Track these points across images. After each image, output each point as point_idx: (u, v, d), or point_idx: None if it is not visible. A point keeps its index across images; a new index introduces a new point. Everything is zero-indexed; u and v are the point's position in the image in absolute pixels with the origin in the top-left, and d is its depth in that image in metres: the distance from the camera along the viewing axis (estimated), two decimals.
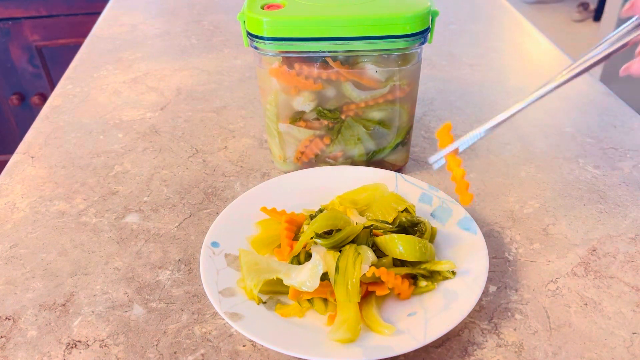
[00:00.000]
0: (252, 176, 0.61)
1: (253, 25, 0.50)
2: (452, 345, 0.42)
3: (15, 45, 1.40)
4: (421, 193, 0.53)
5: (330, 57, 0.51)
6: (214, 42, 0.94)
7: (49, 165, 0.63)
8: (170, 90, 0.79)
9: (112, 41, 0.95)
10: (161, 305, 0.45)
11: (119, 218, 0.55)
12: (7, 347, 0.42)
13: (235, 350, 0.42)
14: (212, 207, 0.56)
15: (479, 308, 0.44)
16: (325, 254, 0.44)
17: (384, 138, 0.57)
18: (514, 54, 0.89)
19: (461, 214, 0.50)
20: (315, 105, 0.54)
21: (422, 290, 0.44)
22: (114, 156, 0.64)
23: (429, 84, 0.79)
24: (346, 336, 0.39)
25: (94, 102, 0.76)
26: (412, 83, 0.54)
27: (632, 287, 0.46)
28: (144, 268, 0.49)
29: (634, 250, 0.50)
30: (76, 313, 0.45)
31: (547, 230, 0.52)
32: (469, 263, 0.45)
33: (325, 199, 0.53)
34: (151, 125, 0.70)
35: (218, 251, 0.47)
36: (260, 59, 0.53)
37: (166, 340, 0.42)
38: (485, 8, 1.08)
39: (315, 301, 0.43)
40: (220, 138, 0.67)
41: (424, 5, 0.49)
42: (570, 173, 0.60)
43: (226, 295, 0.43)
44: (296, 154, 0.58)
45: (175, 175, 0.61)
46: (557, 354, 0.41)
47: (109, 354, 0.41)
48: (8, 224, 0.54)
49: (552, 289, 0.46)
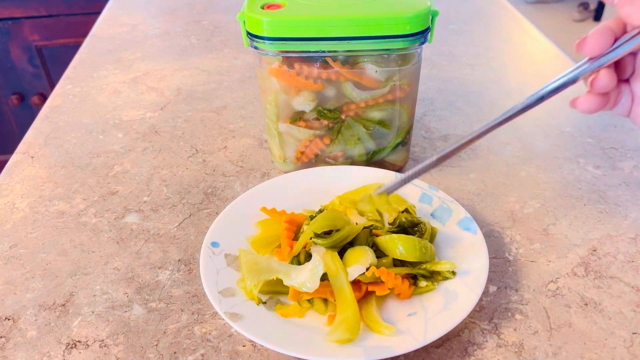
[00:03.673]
0: (252, 176, 0.61)
1: (253, 25, 0.50)
2: (452, 345, 0.42)
3: (15, 45, 1.40)
4: (421, 193, 0.53)
5: (330, 57, 0.51)
6: (214, 42, 0.94)
7: (49, 165, 0.63)
8: (170, 90, 0.79)
9: (112, 41, 0.95)
10: (161, 306, 0.45)
11: (119, 218, 0.55)
12: (6, 347, 0.42)
13: (235, 350, 0.41)
14: (212, 207, 0.56)
15: (479, 308, 0.44)
16: (324, 254, 0.44)
17: (384, 138, 0.57)
18: (514, 54, 0.89)
19: (461, 214, 0.50)
20: (315, 105, 0.54)
21: (422, 290, 0.44)
22: (114, 156, 0.64)
23: (429, 84, 0.79)
24: (345, 336, 0.39)
25: (93, 102, 0.76)
26: (412, 83, 0.54)
27: (632, 287, 0.46)
28: (143, 268, 0.49)
29: (634, 250, 0.50)
30: (76, 313, 0.45)
31: (548, 230, 0.52)
32: (469, 263, 0.45)
33: (325, 199, 0.53)
34: (151, 125, 0.70)
35: (218, 251, 0.47)
36: (260, 59, 0.53)
37: (166, 341, 0.42)
38: (485, 8, 1.08)
39: (315, 301, 0.43)
40: (220, 138, 0.67)
41: (424, 5, 0.49)
42: (571, 173, 0.60)
43: (226, 295, 0.43)
44: (296, 154, 0.58)
45: (175, 175, 0.61)
46: (557, 354, 0.41)
47: (108, 354, 0.41)
48: (8, 224, 0.54)
49: (553, 289, 0.46)
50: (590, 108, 0.39)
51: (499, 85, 0.79)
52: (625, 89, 0.40)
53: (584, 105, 0.39)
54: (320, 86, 0.53)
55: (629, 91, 0.40)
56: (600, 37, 0.36)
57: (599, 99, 0.39)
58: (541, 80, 0.39)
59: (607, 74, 0.37)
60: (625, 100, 0.40)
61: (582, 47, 0.37)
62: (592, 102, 0.39)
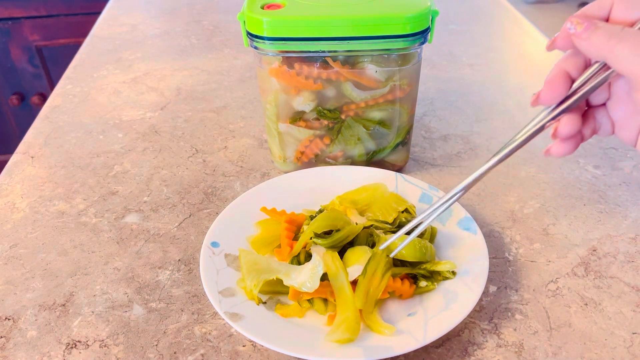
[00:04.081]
0: (252, 176, 0.61)
1: (253, 25, 0.50)
2: (452, 345, 0.42)
3: (15, 45, 1.40)
4: (421, 193, 0.53)
5: (330, 57, 0.51)
6: (214, 42, 0.94)
7: (49, 165, 0.63)
8: (170, 90, 0.79)
9: (112, 41, 0.95)
10: (161, 306, 0.45)
11: (119, 218, 0.55)
12: (7, 347, 0.42)
13: (235, 350, 0.41)
14: (212, 207, 0.56)
15: (479, 308, 0.44)
16: (324, 254, 0.44)
17: (384, 138, 0.57)
18: (514, 54, 0.89)
19: (461, 214, 0.50)
20: (315, 105, 0.54)
21: (422, 290, 0.44)
22: (114, 156, 0.64)
23: (429, 84, 0.79)
24: (345, 336, 0.39)
25: (93, 102, 0.76)
26: (412, 83, 0.54)
27: (632, 287, 0.46)
28: (143, 268, 0.49)
29: (634, 250, 0.50)
30: (76, 313, 0.45)
31: (547, 230, 0.52)
32: (469, 263, 0.45)
33: (325, 199, 0.53)
34: (151, 125, 0.70)
35: (218, 251, 0.47)
36: (260, 59, 0.53)
37: (166, 341, 0.42)
38: (485, 8, 1.07)
39: (315, 301, 0.43)
40: (220, 138, 0.67)
41: (424, 5, 0.49)
42: (571, 173, 0.60)
43: (226, 295, 0.43)
44: (296, 154, 0.58)
45: (175, 175, 0.61)
46: (557, 354, 0.41)
47: (108, 354, 0.41)
48: (8, 224, 0.54)
49: (552, 289, 0.46)
50: (566, 152, 0.37)
51: (499, 85, 0.79)
52: (602, 115, 0.38)
53: (558, 152, 0.38)
54: (320, 86, 0.53)
55: (607, 117, 0.37)
56: (555, 88, 0.35)
57: (572, 141, 0.37)
58: (541, 80, 0.39)
59: (568, 121, 0.36)
60: (605, 126, 0.38)
61: (537, 102, 0.36)
62: (565, 147, 0.37)
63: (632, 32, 0.31)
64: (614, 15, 0.34)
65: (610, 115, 0.37)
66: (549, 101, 0.36)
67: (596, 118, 0.38)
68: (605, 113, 0.38)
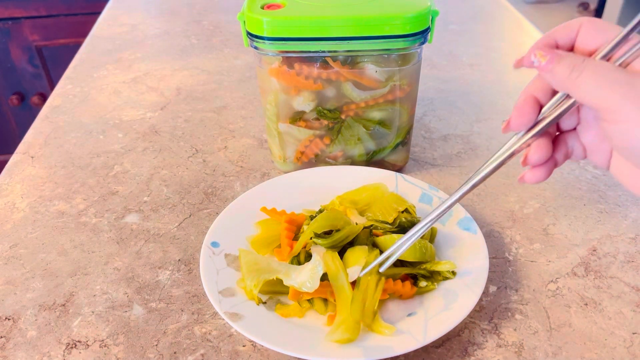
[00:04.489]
0: (252, 176, 0.61)
1: (253, 25, 0.50)
2: (452, 345, 0.42)
3: (15, 45, 1.40)
4: (421, 193, 0.53)
5: (330, 57, 0.51)
6: (214, 42, 0.94)
7: (49, 165, 0.63)
8: (170, 90, 0.79)
9: (112, 41, 0.95)
10: (161, 306, 0.45)
11: (119, 218, 0.55)
12: (7, 347, 0.42)
13: (235, 350, 0.41)
14: (212, 207, 0.56)
15: (479, 308, 0.44)
16: (324, 254, 0.44)
17: (384, 138, 0.57)
18: (514, 54, 0.89)
19: (461, 214, 0.50)
20: (315, 105, 0.54)
21: (422, 290, 0.44)
22: (114, 156, 0.64)
23: (429, 84, 0.79)
24: (345, 336, 0.39)
25: (93, 102, 0.76)
26: (412, 83, 0.54)
27: (632, 287, 0.46)
28: (143, 268, 0.49)
29: (634, 250, 0.50)
30: (76, 313, 0.45)
31: (547, 230, 0.52)
32: (469, 263, 0.45)
33: (325, 199, 0.53)
34: (151, 125, 0.70)
35: (218, 251, 0.47)
36: (260, 59, 0.53)
37: (166, 341, 0.42)
38: (485, 8, 1.08)
39: (315, 301, 0.43)
40: (220, 138, 0.67)
41: (424, 5, 0.49)
42: (571, 173, 0.60)
43: (226, 295, 0.43)
44: (296, 154, 0.58)
45: (175, 175, 0.61)
46: (557, 354, 0.41)
47: (108, 354, 0.41)
48: (8, 224, 0.54)
49: (552, 289, 0.46)
50: (539, 178, 0.37)
51: (499, 85, 0.79)
52: (573, 140, 0.37)
53: (532, 179, 0.37)
54: (320, 86, 0.53)
55: (578, 142, 0.37)
56: (524, 114, 0.35)
57: (545, 167, 0.37)
58: None
59: (537, 148, 0.35)
60: (577, 150, 0.37)
61: (508, 129, 0.36)
62: (539, 173, 0.37)
63: (593, 64, 0.30)
64: (580, 39, 0.33)
65: (581, 140, 0.37)
66: (518, 127, 0.35)
67: (567, 143, 0.37)
68: (576, 138, 0.37)
